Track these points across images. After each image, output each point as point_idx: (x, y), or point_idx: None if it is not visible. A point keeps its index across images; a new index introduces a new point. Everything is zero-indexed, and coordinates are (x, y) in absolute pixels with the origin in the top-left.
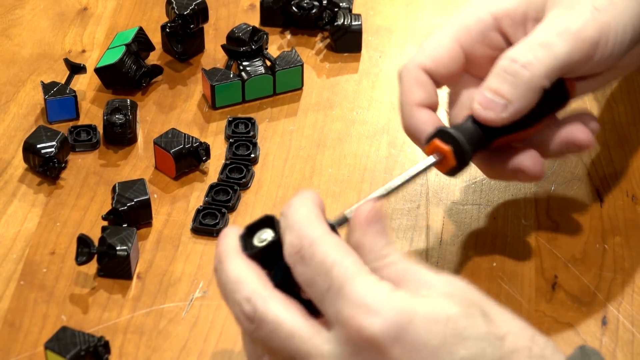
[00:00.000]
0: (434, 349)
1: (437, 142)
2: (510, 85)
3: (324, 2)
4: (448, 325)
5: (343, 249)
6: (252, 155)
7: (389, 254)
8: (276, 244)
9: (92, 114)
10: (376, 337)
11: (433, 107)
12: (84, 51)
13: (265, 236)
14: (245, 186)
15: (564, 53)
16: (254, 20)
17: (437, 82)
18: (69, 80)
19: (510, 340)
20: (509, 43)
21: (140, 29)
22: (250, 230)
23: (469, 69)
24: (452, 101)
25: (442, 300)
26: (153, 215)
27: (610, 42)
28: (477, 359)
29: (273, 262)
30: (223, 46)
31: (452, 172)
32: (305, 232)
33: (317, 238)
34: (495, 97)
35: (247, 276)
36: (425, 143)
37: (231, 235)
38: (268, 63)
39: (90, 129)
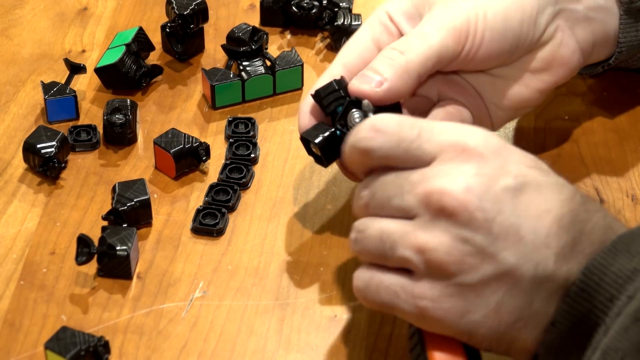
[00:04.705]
0: None
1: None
2: (387, 66)
3: (324, 2)
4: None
5: None
6: (252, 155)
7: None
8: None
9: (92, 114)
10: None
11: None
12: (84, 51)
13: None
14: (245, 186)
15: (437, 42)
16: (254, 20)
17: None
18: (69, 80)
19: None
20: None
21: (140, 29)
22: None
23: None
24: None
25: None
26: (153, 215)
27: (480, 29)
28: None
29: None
30: (223, 46)
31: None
32: None
33: None
34: (374, 74)
35: None
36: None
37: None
38: (268, 63)
39: (90, 129)
